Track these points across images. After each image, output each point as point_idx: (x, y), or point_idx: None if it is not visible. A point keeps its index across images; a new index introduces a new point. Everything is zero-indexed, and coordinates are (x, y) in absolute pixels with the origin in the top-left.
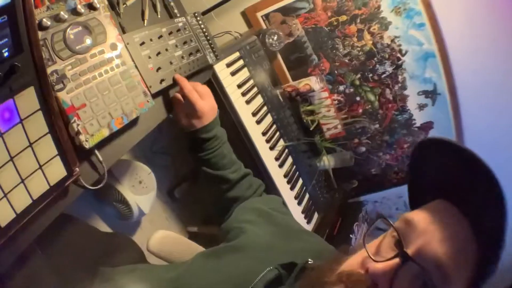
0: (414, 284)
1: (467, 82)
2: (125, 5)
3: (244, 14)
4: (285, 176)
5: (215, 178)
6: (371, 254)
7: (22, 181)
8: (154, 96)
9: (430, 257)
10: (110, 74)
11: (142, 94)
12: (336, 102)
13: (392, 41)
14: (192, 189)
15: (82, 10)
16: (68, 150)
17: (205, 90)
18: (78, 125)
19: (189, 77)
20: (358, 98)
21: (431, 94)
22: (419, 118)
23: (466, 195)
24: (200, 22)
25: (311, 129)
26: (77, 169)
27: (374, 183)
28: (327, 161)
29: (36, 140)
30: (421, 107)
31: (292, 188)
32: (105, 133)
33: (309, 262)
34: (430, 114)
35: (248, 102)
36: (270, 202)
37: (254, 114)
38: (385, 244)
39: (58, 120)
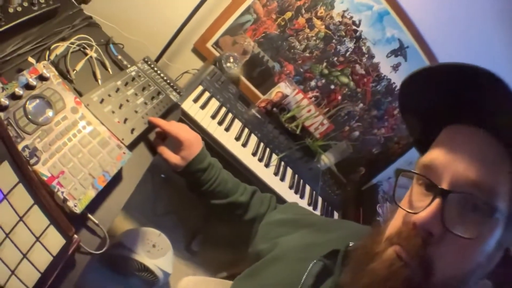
0: (464, 213)
1: (429, 24)
2: (74, 71)
3: (195, 50)
4: (290, 187)
5: (226, 207)
6: (409, 210)
7: (24, 256)
8: (131, 146)
9: (465, 180)
10: (78, 136)
11: (116, 147)
12: (313, 99)
13: (343, 16)
14: (207, 237)
15: (35, 83)
16: (59, 218)
17: (182, 125)
18: (62, 192)
19: (162, 118)
20: (332, 86)
21: (400, 51)
22: (398, 79)
23: (469, 106)
24: (152, 65)
25: (298, 133)
26: (75, 235)
27: (380, 161)
28: (326, 159)
29: (25, 213)
30: (395, 67)
31: (302, 197)
32: (92, 194)
33: (350, 245)
34: (406, 70)
35: (227, 129)
36: (289, 209)
37: (237, 139)
38: (416, 195)
39: (40, 190)
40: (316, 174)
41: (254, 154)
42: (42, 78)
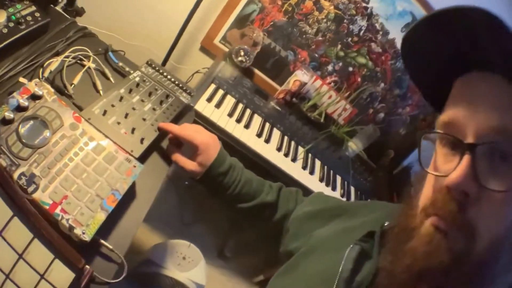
0: (495, 166)
1: None
2: (72, 85)
3: (202, 48)
4: (321, 180)
5: (254, 209)
6: (439, 173)
7: None
8: (142, 158)
9: (489, 129)
10: (81, 155)
11: (125, 161)
12: (332, 84)
13: None
14: (240, 241)
15: (26, 104)
16: (65, 249)
17: (196, 126)
18: (68, 220)
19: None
20: (350, 68)
21: None
22: None
23: (479, 51)
24: (157, 68)
25: (322, 121)
26: (86, 266)
27: (408, 142)
28: (354, 146)
29: (25, 249)
30: None
31: (334, 189)
32: (102, 217)
33: (386, 225)
34: None
35: (246, 126)
36: (316, 200)
37: (259, 135)
38: (442, 157)
39: (40, 221)
40: (346, 163)
41: (278, 149)
42: (34, 97)
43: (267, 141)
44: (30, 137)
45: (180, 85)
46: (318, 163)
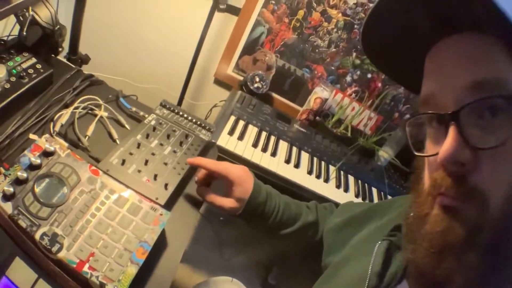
0: (485, 124)
1: None
2: (86, 137)
3: (217, 81)
4: (357, 196)
5: (298, 232)
6: (431, 153)
7: None
8: (168, 204)
9: (466, 88)
10: (103, 209)
11: (151, 211)
12: (353, 95)
13: None
14: (283, 268)
15: (39, 161)
16: None
17: (223, 162)
18: (97, 277)
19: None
20: (369, 75)
21: None
22: None
23: (444, 18)
24: (171, 108)
25: (349, 135)
26: None
27: None
28: (385, 154)
29: None
30: None
31: (371, 201)
32: (133, 271)
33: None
34: None
35: (273, 154)
36: (344, 209)
37: (287, 161)
38: (433, 138)
39: (65, 281)
40: (380, 173)
41: (310, 172)
42: (46, 154)
43: (296, 166)
44: (47, 196)
45: (198, 122)
46: (351, 179)
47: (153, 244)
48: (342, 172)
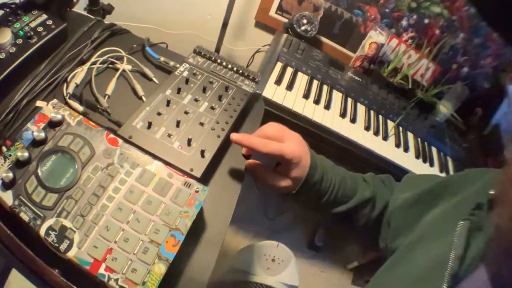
0: None
1: None
2: (106, 96)
3: (258, 24)
4: (417, 157)
5: (353, 210)
6: None
7: None
8: (205, 177)
9: None
10: (123, 190)
11: (184, 187)
12: (410, 41)
13: None
14: (330, 228)
15: (43, 135)
16: None
17: (275, 127)
18: (117, 280)
19: (240, 123)
20: (426, 20)
21: None
22: None
23: None
24: (207, 55)
25: (409, 87)
26: None
27: (493, 96)
28: (444, 109)
29: None
30: None
31: (431, 165)
32: (161, 269)
33: (492, 193)
34: None
35: (327, 107)
36: (410, 183)
37: (343, 115)
38: None
39: None
40: (440, 131)
41: (367, 128)
42: (52, 124)
43: (353, 120)
44: (53, 179)
45: (240, 71)
46: (410, 136)
47: (187, 231)
48: (401, 129)
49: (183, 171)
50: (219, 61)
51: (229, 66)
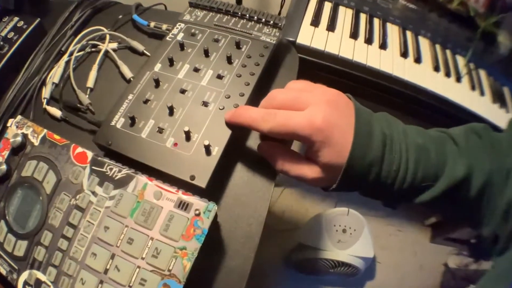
0: None
1: None
2: (88, 90)
3: None
4: (493, 101)
5: (440, 198)
6: None
7: None
8: (214, 185)
9: None
10: (96, 226)
11: (178, 211)
12: None
13: None
14: None
15: (5, 168)
16: None
17: (290, 90)
18: None
19: (263, 92)
20: None
21: None
22: None
23: None
24: (207, 6)
25: (471, 14)
26: None
27: None
28: (506, 41)
29: None
30: None
31: (508, 110)
32: None
33: None
34: None
35: (382, 46)
36: None
37: (404, 54)
38: None
39: None
40: (509, 67)
41: (436, 68)
42: (15, 150)
43: (417, 60)
44: (22, 220)
45: (255, 17)
46: (483, 75)
47: (186, 278)
48: (472, 66)
49: (181, 181)
50: (224, 9)
51: (239, 13)
